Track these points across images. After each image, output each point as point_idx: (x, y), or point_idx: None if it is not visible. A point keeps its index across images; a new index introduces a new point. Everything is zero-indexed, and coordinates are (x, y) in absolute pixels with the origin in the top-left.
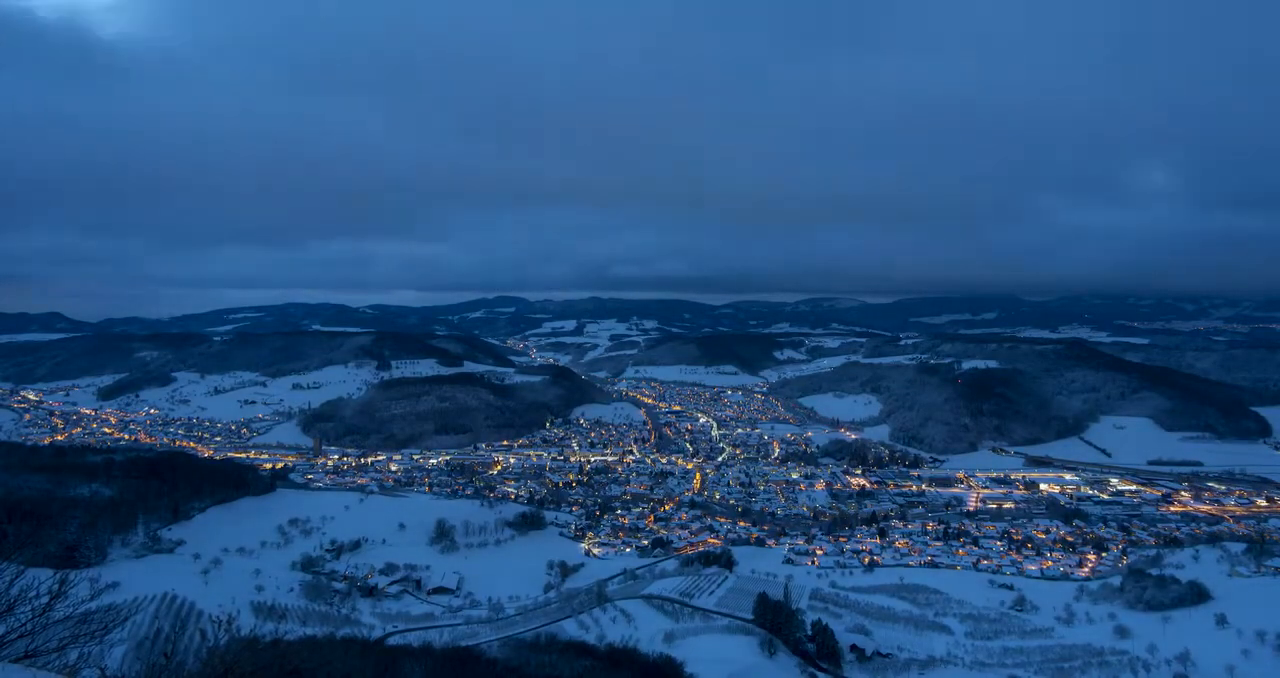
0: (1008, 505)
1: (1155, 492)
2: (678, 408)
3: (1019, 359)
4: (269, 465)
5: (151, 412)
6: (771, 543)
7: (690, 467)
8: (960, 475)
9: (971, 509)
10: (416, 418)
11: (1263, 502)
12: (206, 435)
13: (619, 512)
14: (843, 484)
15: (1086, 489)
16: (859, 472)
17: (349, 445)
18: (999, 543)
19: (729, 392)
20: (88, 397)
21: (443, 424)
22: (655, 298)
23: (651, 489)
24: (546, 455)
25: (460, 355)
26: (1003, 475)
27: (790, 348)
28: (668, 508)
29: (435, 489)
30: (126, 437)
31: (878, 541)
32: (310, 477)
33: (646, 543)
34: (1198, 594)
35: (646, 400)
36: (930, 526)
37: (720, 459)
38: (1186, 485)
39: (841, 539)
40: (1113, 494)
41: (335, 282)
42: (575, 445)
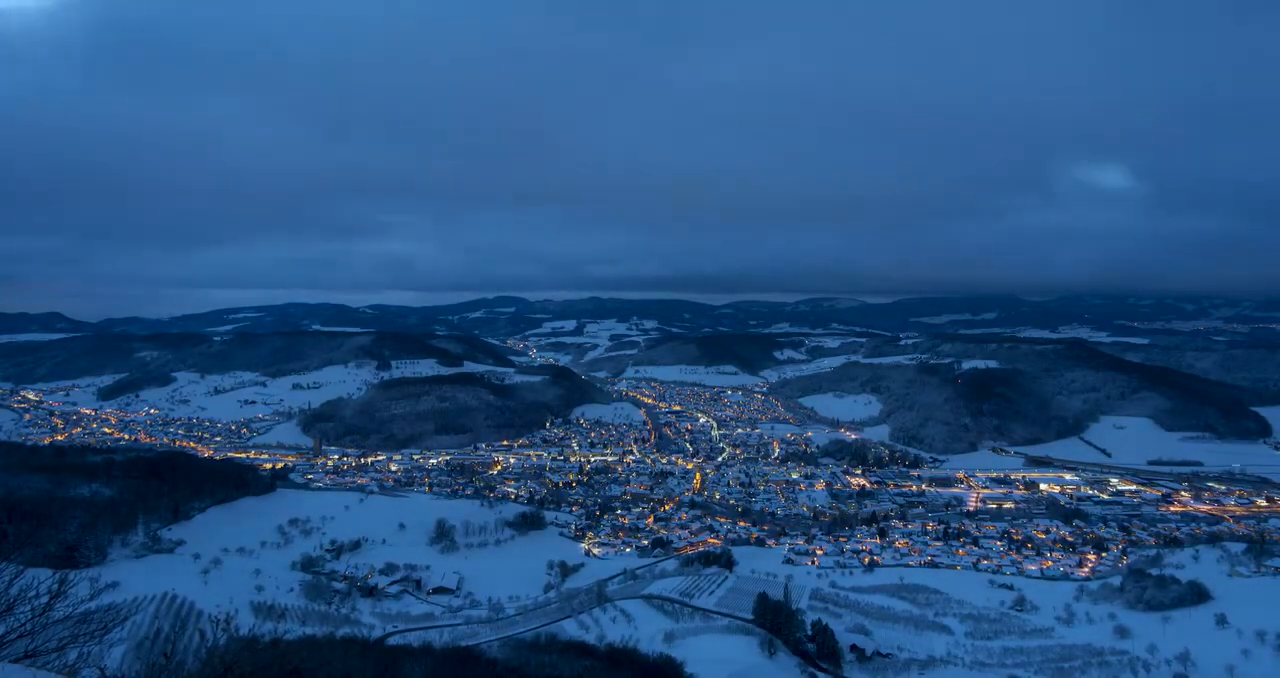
0: (1008, 505)
1: (1155, 492)
2: (678, 408)
3: (1019, 359)
4: (269, 465)
5: (151, 412)
6: (771, 543)
7: (690, 467)
8: (960, 475)
9: (971, 509)
10: (416, 418)
11: (1263, 502)
12: (206, 435)
13: (619, 512)
14: (843, 484)
15: (1086, 489)
16: (859, 472)
17: (349, 445)
18: (999, 543)
19: (729, 392)
20: (88, 397)
21: (443, 424)
22: (655, 298)
23: (651, 489)
24: (546, 455)
25: (460, 355)
26: (1003, 475)
27: (790, 348)
28: (668, 508)
29: (435, 489)
30: (126, 437)
31: (878, 541)
32: (310, 477)
33: (646, 543)
34: (1198, 594)
35: (646, 400)
36: (930, 526)
37: (720, 459)
38: (1186, 485)
39: (841, 539)
40: (1113, 494)
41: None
42: (575, 445)
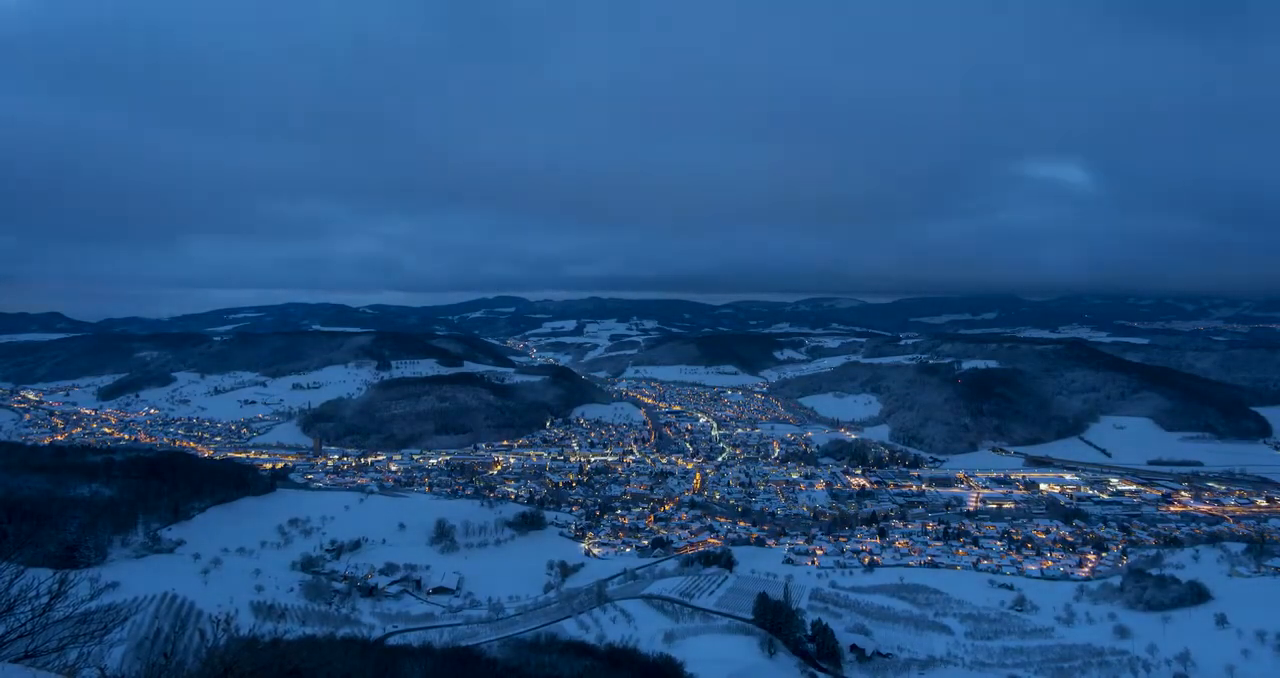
0: (1008, 505)
1: (1155, 492)
2: (678, 408)
3: (1019, 359)
4: (269, 465)
5: (151, 412)
6: (771, 543)
7: (690, 467)
8: (960, 475)
9: (971, 509)
10: (416, 418)
11: (1263, 502)
12: (206, 435)
13: (619, 512)
14: (843, 484)
15: (1086, 489)
16: (859, 472)
17: (349, 445)
18: (999, 543)
19: (729, 392)
20: (88, 397)
21: (443, 424)
22: (655, 298)
23: (651, 489)
24: (546, 455)
25: (460, 355)
26: (1003, 475)
27: (790, 348)
28: (668, 508)
29: (435, 489)
30: (126, 437)
31: (878, 541)
32: (310, 477)
33: (646, 543)
34: (1198, 594)
35: (646, 400)
36: (930, 526)
37: (720, 459)
38: (1186, 485)
39: (841, 539)
40: (1113, 494)
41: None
42: (575, 445)
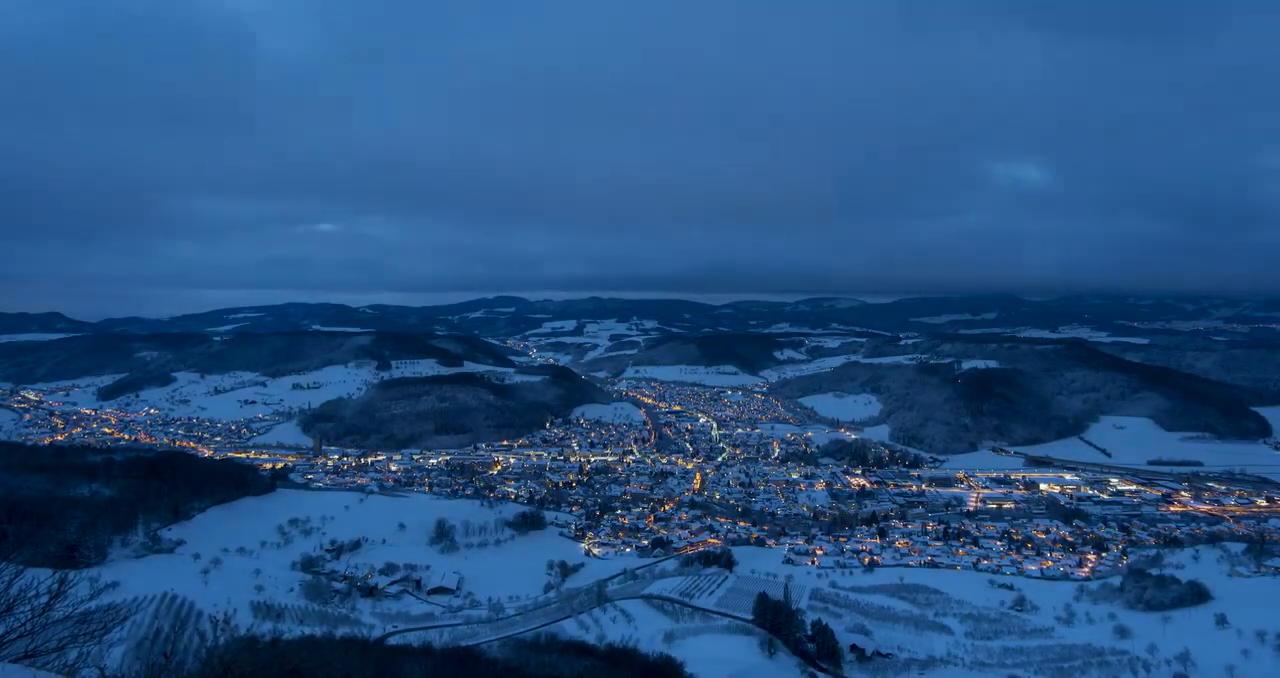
0: (1008, 505)
1: (1155, 492)
2: (678, 408)
3: (1019, 359)
4: (269, 466)
5: (151, 412)
6: (771, 543)
7: (690, 467)
8: (960, 475)
9: (971, 509)
10: (416, 418)
11: (1263, 502)
12: (206, 435)
13: (619, 512)
14: (843, 484)
15: (1086, 489)
16: (859, 472)
17: (349, 445)
18: (999, 543)
19: (729, 392)
20: (88, 397)
21: (443, 424)
22: (655, 298)
23: (651, 489)
24: (546, 455)
25: (460, 355)
26: (1003, 475)
27: (790, 348)
28: (668, 508)
29: (435, 489)
30: (126, 437)
31: (878, 541)
32: (310, 477)
33: (646, 543)
34: (1198, 594)
35: (646, 400)
36: (930, 526)
37: (720, 459)
38: (1186, 485)
39: (841, 539)
40: (1113, 494)
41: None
42: (575, 445)
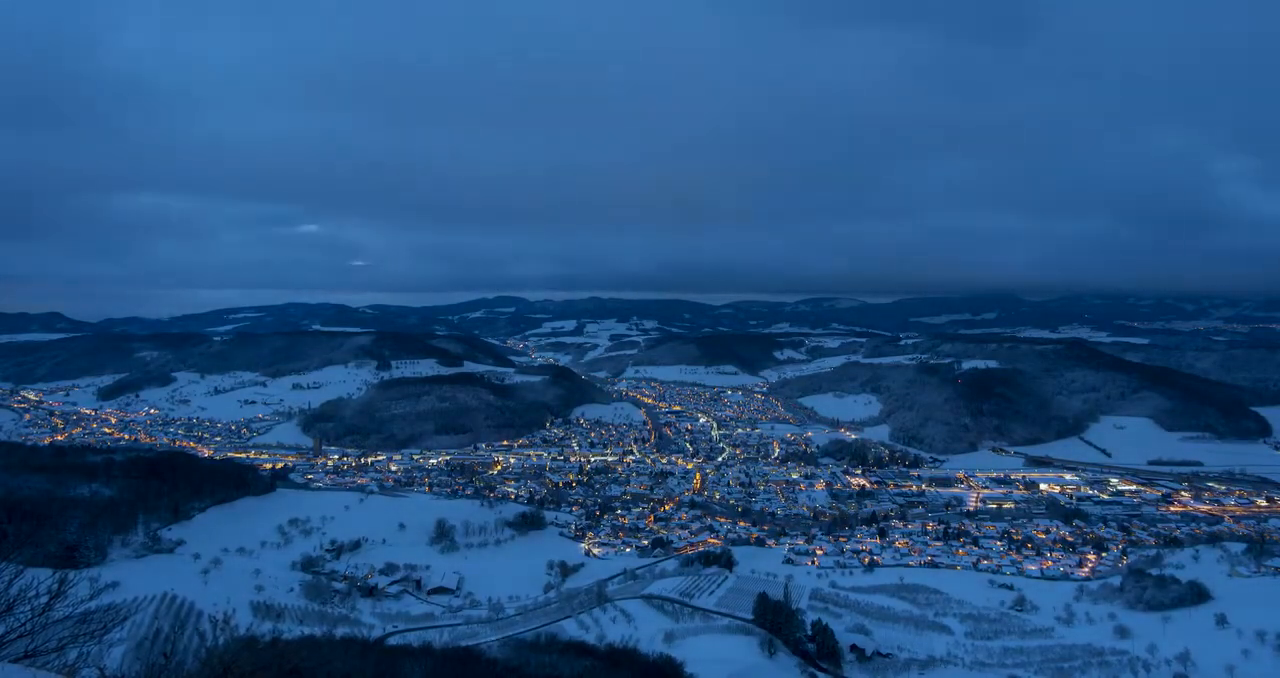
0: (1008, 505)
1: (1155, 492)
2: (678, 408)
3: (1019, 359)
4: (269, 465)
5: (151, 412)
6: (771, 543)
7: (690, 467)
8: (960, 475)
9: (971, 509)
10: (416, 418)
11: (1263, 502)
12: (206, 435)
13: (619, 512)
14: (843, 484)
15: (1086, 489)
16: (859, 472)
17: (349, 445)
18: (999, 543)
19: (729, 392)
20: (88, 397)
21: (443, 424)
22: (655, 298)
23: (651, 489)
24: (546, 455)
25: (460, 355)
26: (1003, 475)
27: (790, 348)
28: (668, 508)
29: (435, 489)
30: (126, 437)
31: (878, 541)
32: (310, 477)
33: (646, 543)
34: (1198, 594)
35: (646, 400)
36: (930, 526)
37: (720, 459)
38: (1186, 485)
39: (841, 539)
40: (1113, 494)
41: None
42: (575, 445)
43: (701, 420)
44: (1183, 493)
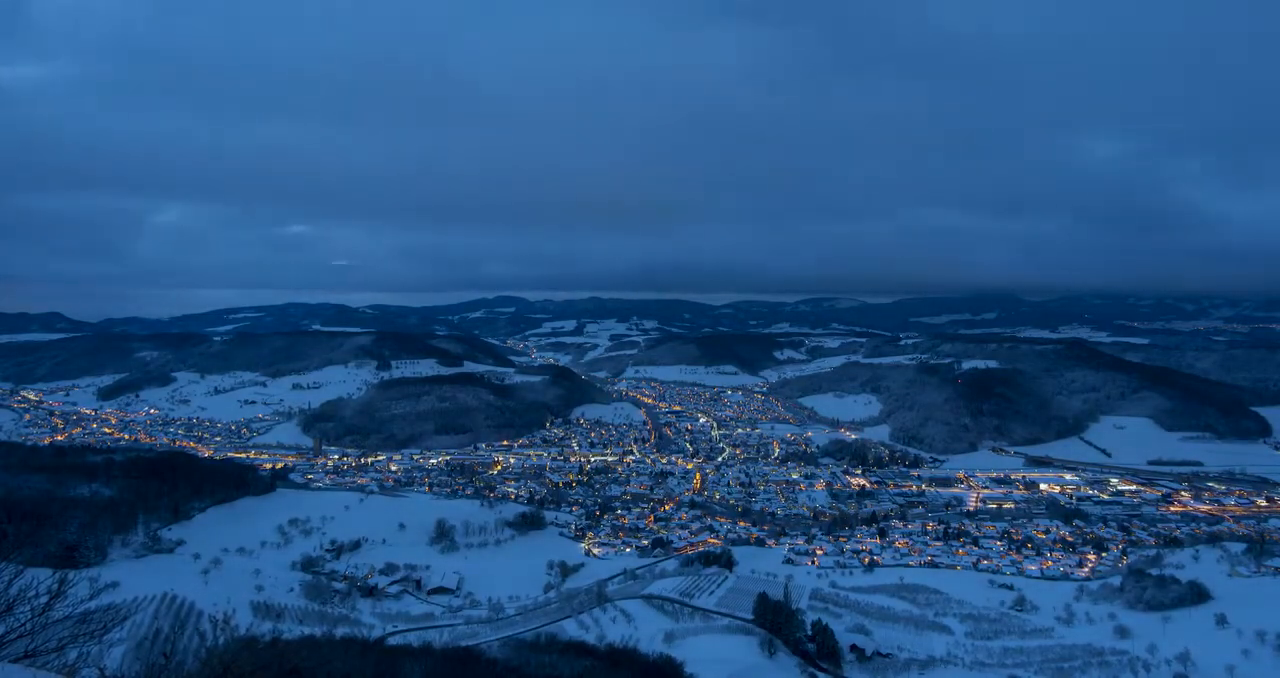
0: (1008, 505)
1: (1155, 492)
2: (678, 408)
3: (1019, 359)
4: (269, 465)
5: (151, 412)
6: (771, 543)
7: (690, 467)
8: (960, 475)
9: (971, 509)
10: (416, 418)
11: (1263, 502)
12: (206, 435)
13: (619, 512)
14: (843, 484)
15: (1086, 489)
16: (859, 472)
17: (349, 445)
18: (999, 543)
19: (729, 392)
20: (88, 397)
21: (443, 424)
22: (655, 298)
23: (651, 489)
24: (546, 455)
25: (460, 355)
26: (1003, 475)
27: (790, 348)
28: (668, 508)
29: (435, 489)
30: (126, 437)
31: (878, 541)
32: (310, 477)
33: (646, 543)
34: (1198, 594)
35: (646, 400)
36: (930, 526)
37: (720, 459)
38: (1186, 485)
39: (841, 539)
40: (1113, 494)
41: (333, 283)
42: (575, 445)
43: (701, 420)
44: (1183, 493)
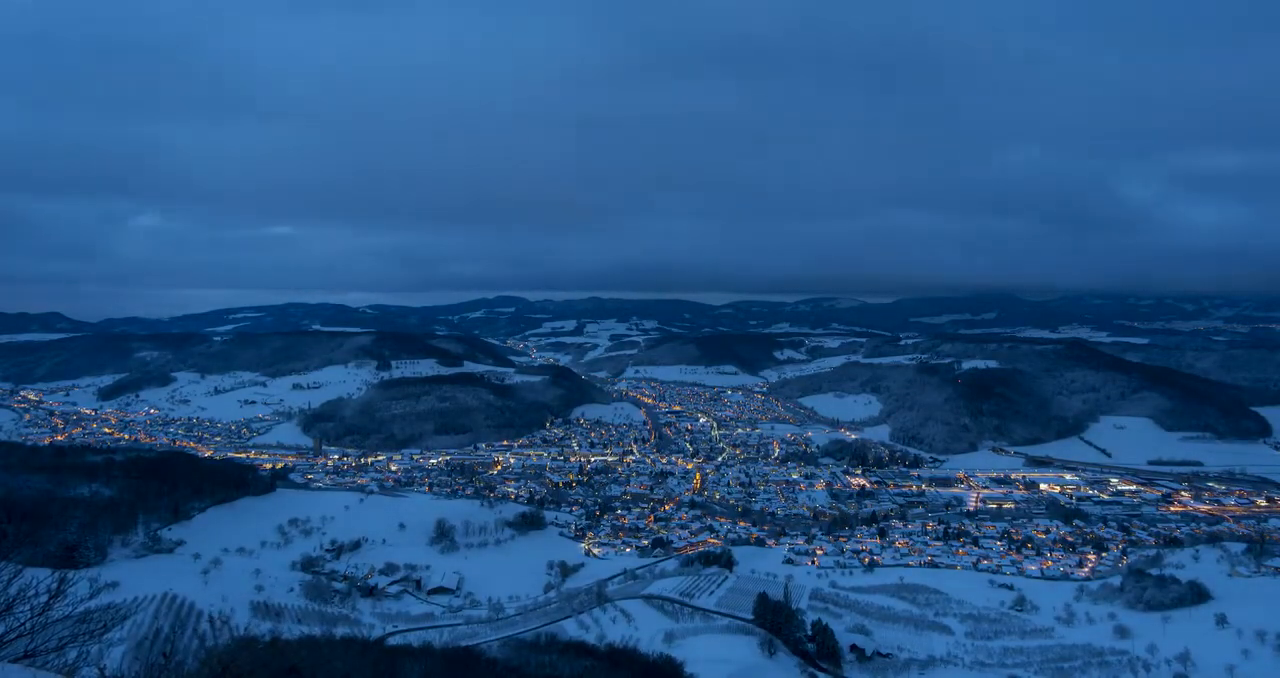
0: (1008, 505)
1: (1155, 492)
2: (678, 408)
3: (1019, 359)
4: (269, 465)
5: (151, 412)
6: (771, 543)
7: (690, 467)
8: (960, 475)
9: (971, 509)
10: (416, 418)
11: (1263, 502)
12: (206, 435)
13: (619, 512)
14: (843, 484)
15: (1086, 489)
16: (859, 472)
17: (349, 445)
18: (999, 543)
19: (729, 392)
20: (88, 397)
21: (443, 424)
22: (655, 298)
23: (651, 489)
24: (546, 455)
25: (460, 355)
26: (1003, 475)
27: (790, 348)
28: (668, 508)
29: (435, 489)
30: (126, 437)
31: (878, 541)
32: (310, 477)
33: (646, 543)
34: (1198, 594)
35: (646, 400)
36: (930, 526)
37: (720, 459)
38: (1186, 485)
39: (841, 539)
40: (1113, 494)
41: (334, 283)
42: (575, 445)
43: (701, 420)
44: (1183, 493)
